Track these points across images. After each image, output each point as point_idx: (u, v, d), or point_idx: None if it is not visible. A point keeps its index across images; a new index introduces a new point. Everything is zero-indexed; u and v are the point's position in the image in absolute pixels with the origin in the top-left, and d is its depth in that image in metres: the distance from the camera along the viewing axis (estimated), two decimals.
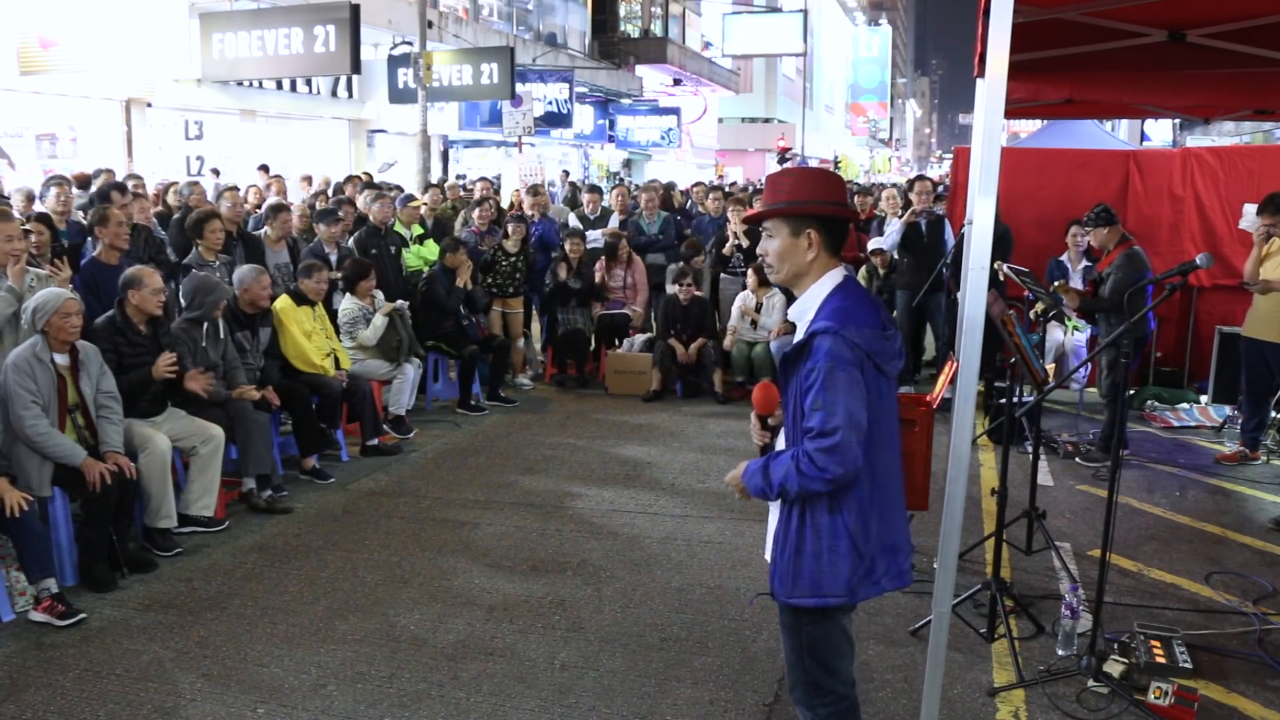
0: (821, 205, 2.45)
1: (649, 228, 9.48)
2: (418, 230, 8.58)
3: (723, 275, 9.10)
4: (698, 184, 12.72)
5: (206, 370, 5.41)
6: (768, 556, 2.61)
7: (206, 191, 9.41)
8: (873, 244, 8.54)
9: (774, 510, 2.60)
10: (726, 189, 13.48)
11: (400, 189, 11.44)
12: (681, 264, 8.62)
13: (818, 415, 2.33)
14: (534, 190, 9.97)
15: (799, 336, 2.44)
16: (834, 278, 2.46)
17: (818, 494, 2.40)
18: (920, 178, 9.26)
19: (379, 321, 6.90)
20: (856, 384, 2.33)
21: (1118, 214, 6.47)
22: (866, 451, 2.38)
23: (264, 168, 11.22)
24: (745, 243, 8.74)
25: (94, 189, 8.65)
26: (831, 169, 12.36)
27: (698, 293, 8.47)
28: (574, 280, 8.59)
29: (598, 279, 8.84)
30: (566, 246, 8.63)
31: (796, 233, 2.46)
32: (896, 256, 8.34)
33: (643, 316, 9.15)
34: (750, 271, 8.34)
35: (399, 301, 7.21)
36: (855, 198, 10.73)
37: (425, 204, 9.41)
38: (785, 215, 2.47)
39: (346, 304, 7.01)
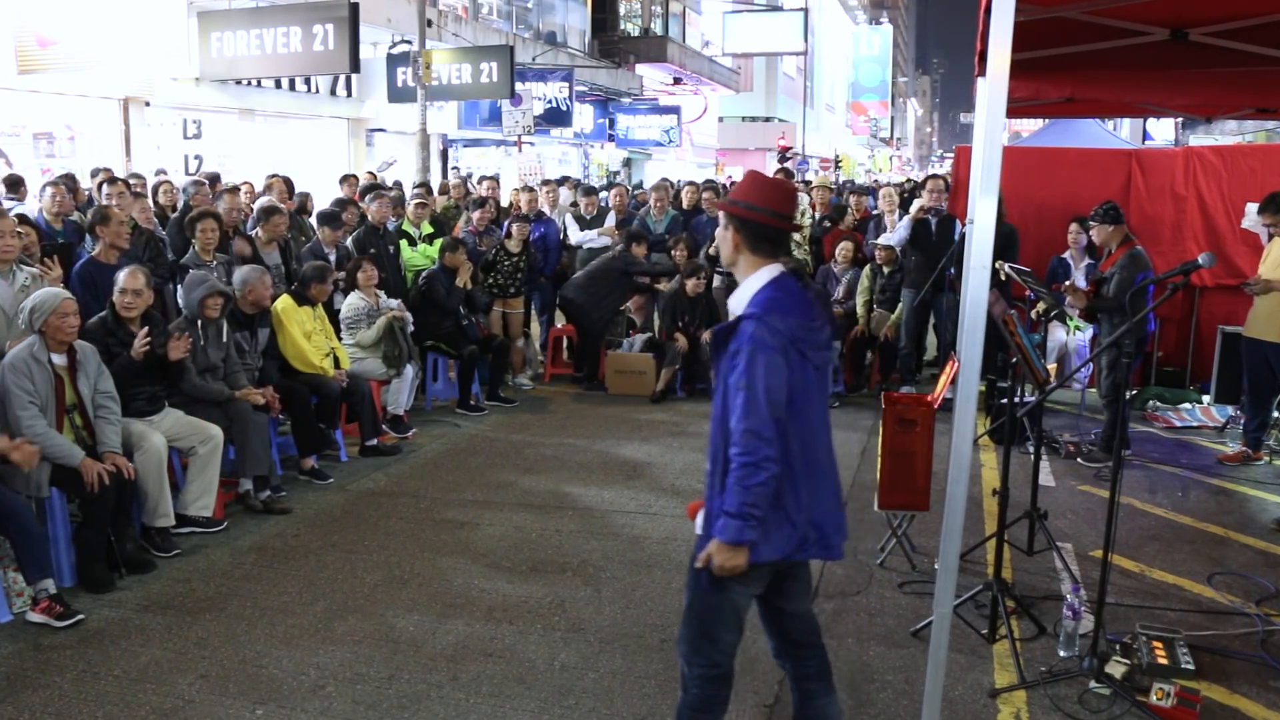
0: (744, 209, 2.72)
1: (656, 226, 9.45)
2: (427, 229, 8.55)
3: (716, 274, 9.08)
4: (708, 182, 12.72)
5: (205, 371, 5.39)
6: (699, 531, 2.76)
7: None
8: (881, 240, 8.51)
9: (709, 491, 2.73)
10: (722, 188, 13.41)
11: (407, 186, 11.39)
12: (686, 259, 8.65)
13: (741, 395, 2.55)
14: (530, 189, 9.95)
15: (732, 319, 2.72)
16: (769, 272, 2.71)
17: (767, 484, 2.54)
18: (933, 176, 9.21)
19: (381, 323, 6.90)
20: (777, 367, 2.56)
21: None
22: (794, 428, 2.61)
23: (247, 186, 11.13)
24: None
25: (89, 188, 8.64)
26: (786, 176, 12.31)
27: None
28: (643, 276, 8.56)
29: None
30: (635, 249, 8.56)
31: (725, 226, 2.77)
32: (900, 254, 8.30)
33: (644, 315, 9.14)
34: None
35: (403, 313, 7.19)
36: (852, 198, 10.69)
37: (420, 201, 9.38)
38: (724, 209, 2.79)
39: (352, 299, 7.01)
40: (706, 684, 2.80)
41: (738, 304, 2.71)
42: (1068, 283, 6.85)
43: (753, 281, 2.70)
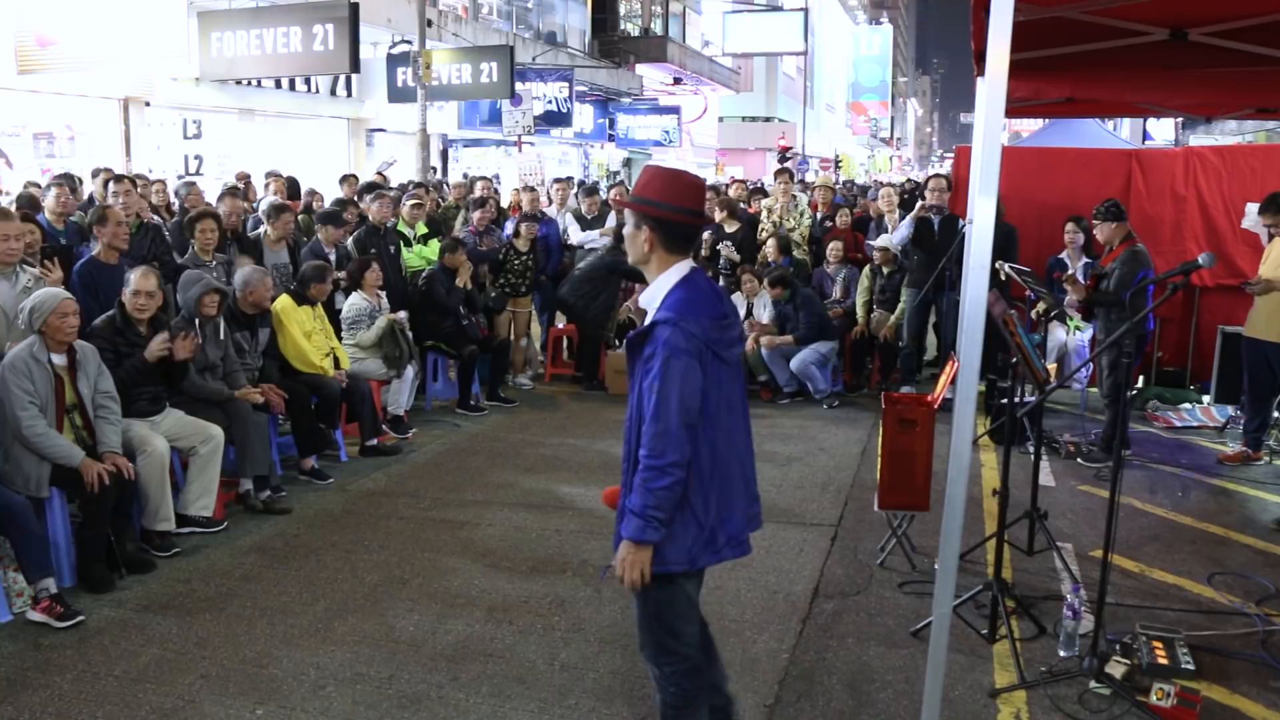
0: (657, 208, 2.67)
1: None
2: (421, 229, 8.56)
3: (719, 274, 9.11)
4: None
5: (204, 370, 5.39)
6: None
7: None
8: (879, 241, 8.51)
9: (623, 490, 2.75)
10: (721, 188, 13.42)
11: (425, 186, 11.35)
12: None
13: (653, 400, 2.55)
14: (531, 189, 9.96)
15: (647, 323, 2.69)
16: (679, 270, 2.69)
17: (671, 488, 2.55)
18: (935, 176, 9.21)
19: (381, 323, 6.90)
20: (692, 372, 2.56)
21: None
22: (705, 432, 2.62)
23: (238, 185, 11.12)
24: (737, 257, 8.84)
25: (92, 189, 8.64)
26: (692, 170, 12.31)
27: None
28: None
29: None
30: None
31: (638, 226, 2.70)
32: (901, 254, 8.29)
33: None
34: (748, 275, 8.40)
35: (402, 314, 7.20)
36: (860, 199, 10.70)
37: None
38: (635, 209, 2.71)
39: (354, 299, 7.01)
40: (681, 679, 2.82)
41: (649, 302, 2.71)
42: (1069, 273, 6.83)
43: (664, 280, 2.69)
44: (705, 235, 9.04)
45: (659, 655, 2.81)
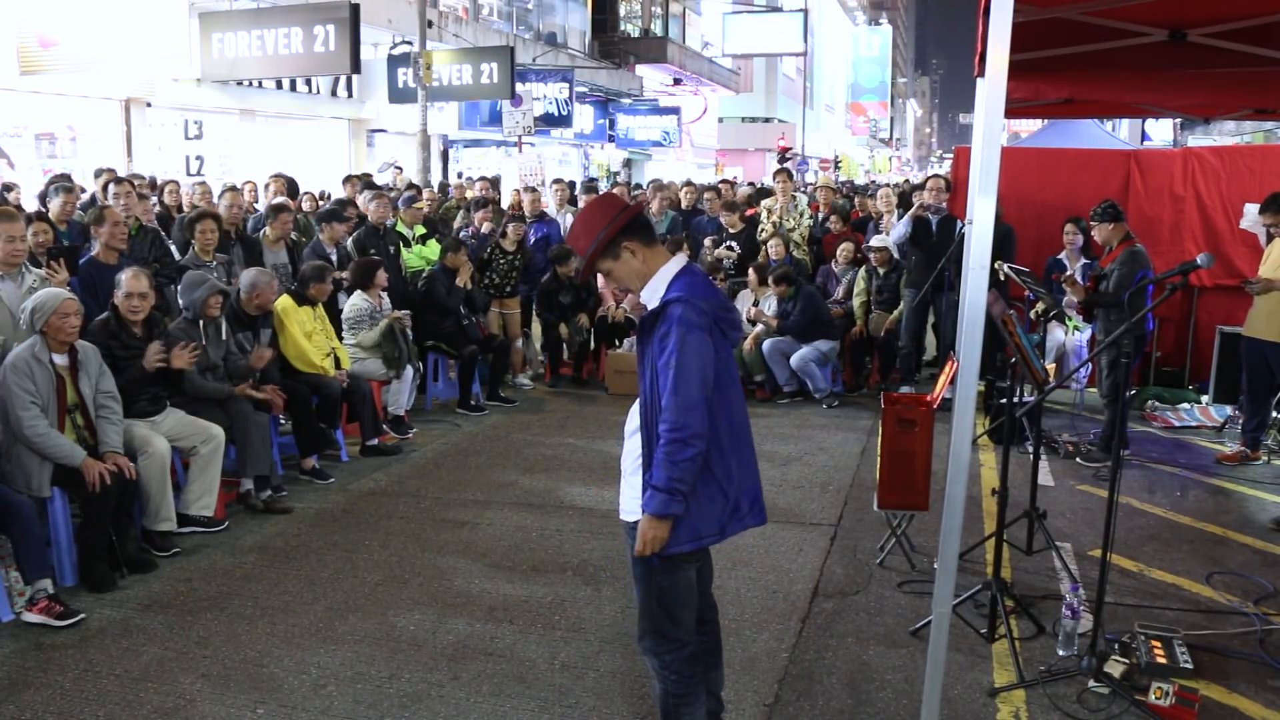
0: (611, 224, 2.75)
1: (657, 227, 9.49)
2: (420, 230, 8.57)
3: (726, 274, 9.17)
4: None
5: (205, 370, 5.41)
6: (628, 519, 2.84)
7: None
8: (875, 241, 8.52)
9: (629, 476, 2.84)
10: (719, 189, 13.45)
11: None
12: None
13: (672, 375, 2.62)
14: (532, 190, 9.98)
15: (652, 307, 2.77)
16: (678, 262, 2.81)
17: (695, 460, 2.61)
18: (934, 176, 9.22)
19: (383, 325, 6.91)
20: (706, 345, 2.65)
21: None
22: (721, 404, 2.71)
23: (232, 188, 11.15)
24: (735, 254, 8.98)
25: (94, 189, 8.65)
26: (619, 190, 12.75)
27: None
28: (565, 295, 8.59)
29: (600, 284, 8.85)
30: (560, 270, 8.57)
31: (617, 256, 2.78)
32: (899, 254, 8.30)
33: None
34: (750, 271, 8.41)
35: (404, 313, 7.21)
36: (855, 198, 10.73)
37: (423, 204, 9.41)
38: (606, 245, 2.76)
39: (355, 300, 7.01)
40: (682, 665, 2.85)
41: (651, 295, 2.78)
42: (1068, 274, 6.84)
43: (665, 273, 2.79)
44: (710, 239, 9.10)
45: (659, 644, 2.85)
